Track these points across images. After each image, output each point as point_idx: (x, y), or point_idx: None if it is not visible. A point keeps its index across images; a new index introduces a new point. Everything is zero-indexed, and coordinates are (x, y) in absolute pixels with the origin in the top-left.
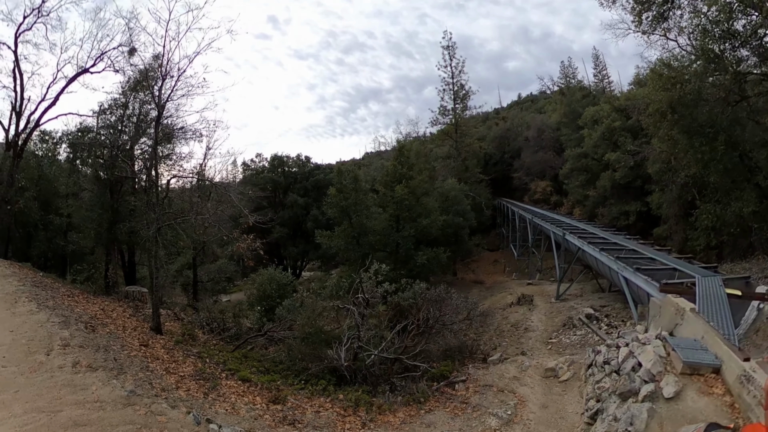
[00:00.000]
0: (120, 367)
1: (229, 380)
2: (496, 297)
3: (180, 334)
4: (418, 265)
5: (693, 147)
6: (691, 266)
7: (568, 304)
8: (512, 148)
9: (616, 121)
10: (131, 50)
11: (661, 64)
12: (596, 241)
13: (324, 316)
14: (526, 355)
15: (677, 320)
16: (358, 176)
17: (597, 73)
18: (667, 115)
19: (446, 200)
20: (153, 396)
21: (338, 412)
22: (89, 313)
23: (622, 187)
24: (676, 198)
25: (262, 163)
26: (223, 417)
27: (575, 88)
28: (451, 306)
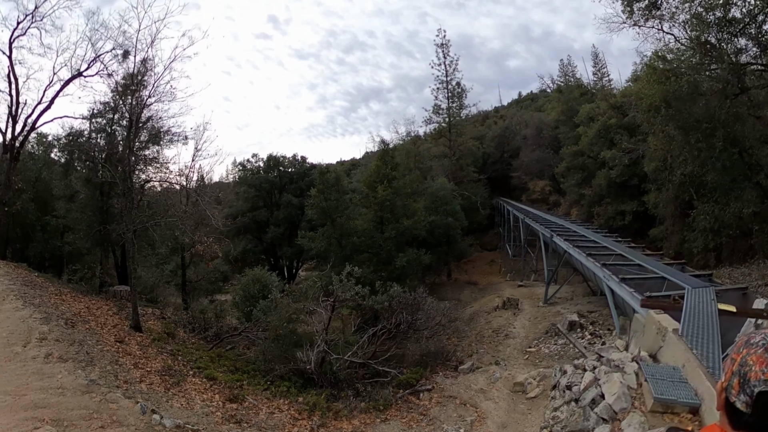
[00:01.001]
0: (90, 359)
1: (195, 377)
2: (485, 299)
3: (160, 333)
4: (398, 268)
5: (689, 143)
6: (682, 275)
7: (555, 309)
8: (511, 147)
9: (612, 119)
10: (125, 53)
11: (656, 56)
12: (584, 245)
13: (299, 319)
14: (499, 365)
15: (659, 341)
16: (340, 177)
17: (596, 72)
18: (661, 110)
19: (435, 200)
20: (114, 387)
21: (293, 415)
22: (73, 311)
23: (618, 186)
24: (672, 198)
25: (258, 163)
26: (175, 411)
27: (573, 86)
28: (424, 311)
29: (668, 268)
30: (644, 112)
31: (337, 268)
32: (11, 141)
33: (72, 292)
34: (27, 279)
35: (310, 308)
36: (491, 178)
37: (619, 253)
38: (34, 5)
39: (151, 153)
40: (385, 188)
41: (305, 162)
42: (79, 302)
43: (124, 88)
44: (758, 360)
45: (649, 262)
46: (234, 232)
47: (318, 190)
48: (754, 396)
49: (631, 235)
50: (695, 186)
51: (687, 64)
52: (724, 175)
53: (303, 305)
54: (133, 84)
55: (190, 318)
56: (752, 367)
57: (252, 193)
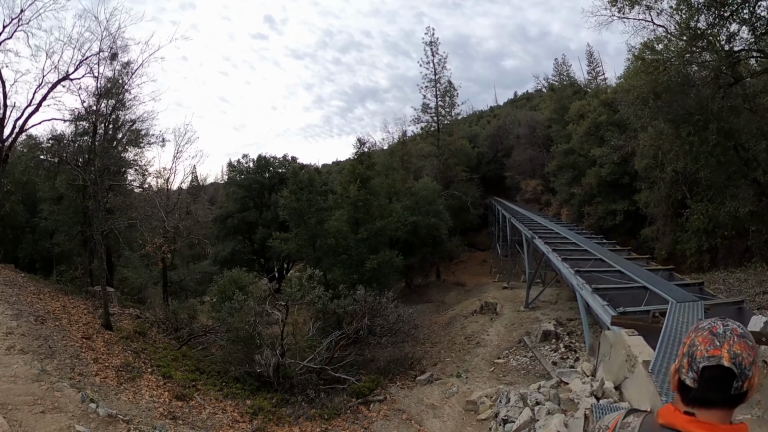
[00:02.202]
0: (51, 353)
1: (152, 375)
2: (466, 302)
3: (130, 331)
4: (368, 270)
5: (680, 137)
6: (667, 284)
7: (535, 315)
8: (505, 146)
9: (602, 115)
10: (113, 55)
11: (644, 47)
12: (564, 247)
13: (264, 321)
14: (460, 378)
15: (626, 371)
16: (313, 177)
17: (591, 70)
18: (649, 102)
19: (419, 200)
20: (66, 378)
21: (234, 417)
22: (47, 309)
23: (608, 185)
24: (664, 196)
25: (248, 163)
26: (119, 403)
27: (566, 85)
28: (383, 317)
29: (652, 275)
30: (632, 105)
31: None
32: (1, 143)
33: (53, 292)
34: (9, 279)
35: (268, 311)
36: (485, 177)
37: (599, 257)
38: (20, 8)
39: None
40: (358, 188)
41: (295, 162)
42: (56, 301)
43: (101, 91)
44: (704, 341)
45: (632, 268)
46: (224, 233)
47: (290, 190)
48: (700, 371)
49: (622, 235)
50: (688, 183)
51: (676, 53)
52: (719, 171)
53: (262, 308)
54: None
55: (164, 318)
56: (698, 346)
57: (241, 194)
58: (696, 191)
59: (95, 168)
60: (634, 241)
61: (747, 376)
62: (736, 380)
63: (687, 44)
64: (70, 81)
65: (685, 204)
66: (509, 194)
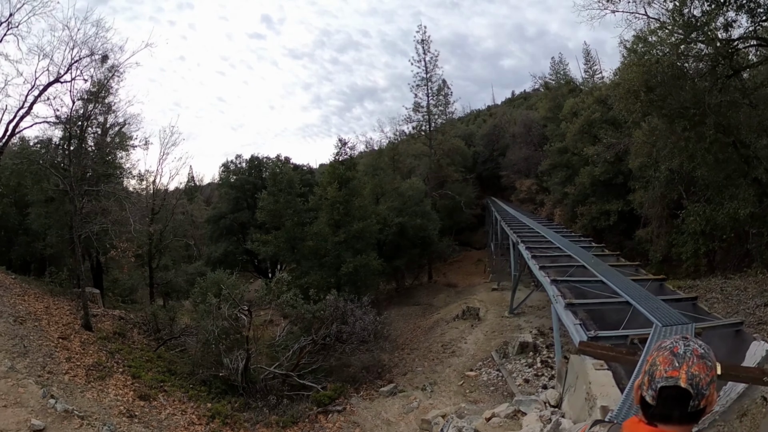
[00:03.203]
0: (25, 352)
1: (122, 375)
2: (452, 306)
3: (109, 332)
4: (344, 274)
5: (675, 133)
6: (653, 301)
7: (518, 321)
8: (500, 145)
9: (596, 113)
10: (104, 57)
11: (636, 39)
12: (549, 253)
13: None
14: (425, 391)
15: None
16: (292, 179)
17: (588, 69)
18: (640, 95)
19: (406, 201)
20: (35, 375)
21: (192, 419)
22: (29, 310)
23: (602, 185)
24: (659, 196)
25: (241, 164)
26: (82, 400)
27: (562, 83)
28: (349, 324)
29: (639, 288)
30: (623, 99)
31: (294, 273)
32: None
33: (40, 294)
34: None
35: (237, 315)
36: (482, 176)
37: (582, 264)
38: (9, 12)
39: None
40: (334, 189)
41: (288, 163)
42: (40, 303)
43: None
44: (663, 360)
45: (617, 278)
46: (217, 234)
47: (268, 192)
48: (658, 390)
49: (617, 237)
50: (684, 183)
51: (670, 45)
52: (717, 169)
53: (233, 312)
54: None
55: (144, 320)
56: (658, 366)
57: (234, 195)
58: (692, 191)
59: (71, 174)
60: (629, 242)
61: (704, 395)
62: (692, 399)
63: (681, 34)
64: (60, 84)
65: (681, 205)
66: (505, 194)
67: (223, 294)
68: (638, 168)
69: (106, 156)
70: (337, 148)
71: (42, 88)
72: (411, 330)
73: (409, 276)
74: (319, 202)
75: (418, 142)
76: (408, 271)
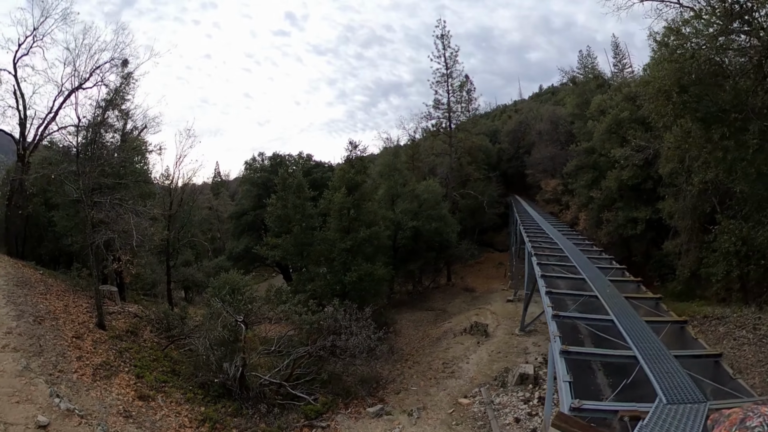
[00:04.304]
0: (40, 351)
1: (126, 374)
2: (462, 316)
3: (122, 331)
4: (347, 284)
5: (711, 140)
6: (665, 359)
7: (527, 342)
8: (526, 142)
9: (625, 111)
10: (124, 62)
11: (668, 31)
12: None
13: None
14: (411, 417)
15: None
16: (301, 183)
17: (617, 63)
18: (672, 96)
19: (422, 204)
20: (46, 374)
21: (184, 422)
22: (49, 309)
23: (630, 190)
24: (690, 208)
25: (264, 161)
26: (86, 399)
27: (590, 78)
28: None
29: (651, 337)
30: (653, 100)
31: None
32: (22, 150)
33: (61, 291)
34: (23, 278)
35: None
36: (506, 174)
37: (595, 294)
38: (33, 26)
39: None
40: (343, 195)
41: (310, 160)
42: (60, 301)
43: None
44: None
45: (629, 319)
46: (239, 230)
47: (277, 196)
48: None
49: (644, 246)
50: (719, 195)
51: (707, 37)
52: (759, 184)
53: (233, 319)
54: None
55: (156, 318)
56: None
57: (255, 192)
58: (728, 204)
59: (81, 186)
60: (657, 252)
61: None
62: None
63: (721, 24)
64: (83, 90)
65: (714, 219)
66: (530, 193)
67: (227, 299)
68: (669, 174)
69: (124, 162)
70: (348, 150)
71: (66, 95)
72: (419, 339)
73: (426, 278)
74: (328, 206)
75: (438, 141)
76: (424, 273)
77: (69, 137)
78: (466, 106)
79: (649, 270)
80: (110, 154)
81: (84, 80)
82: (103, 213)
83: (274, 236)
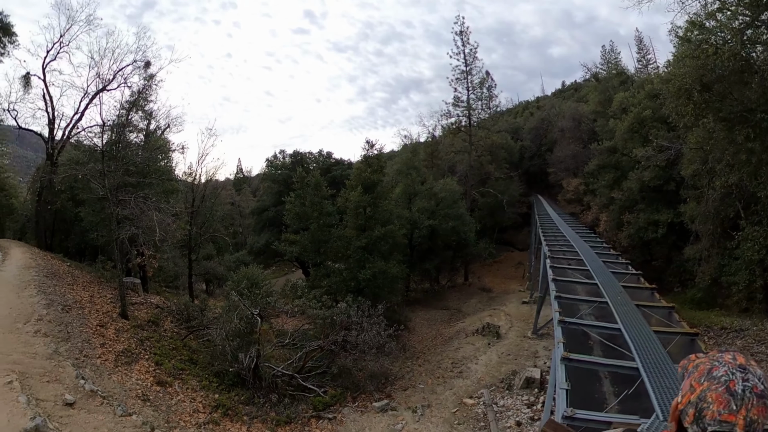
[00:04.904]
0: (68, 337)
1: (146, 361)
2: (475, 317)
3: (144, 321)
4: (361, 281)
5: (735, 142)
6: (670, 375)
7: (537, 346)
8: (548, 140)
9: (647, 110)
10: (146, 63)
11: (691, 25)
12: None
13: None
14: (415, 413)
15: None
16: (319, 182)
17: (641, 58)
18: (693, 95)
19: (438, 203)
20: (73, 358)
21: (198, 407)
22: (75, 299)
23: (652, 191)
24: (712, 213)
25: (285, 159)
26: (108, 382)
27: (612, 74)
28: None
29: (658, 348)
30: (673, 98)
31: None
32: (51, 149)
33: (87, 282)
34: (52, 270)
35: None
36: (529, 172)
37: (605, 301)
38: (60, 33)
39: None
40: (359, 194)
41: (330, 158)
42: (86, 291)
43: (129, 105)
44: (717, 399)
45: (638, 329)
46: (260, 225)
47: (296, 194)
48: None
49: (665, 250)
50: (743, 200)
51: (732, 31)
52: None
53: (249, 311)
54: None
55: (176, 309)
56: (710, 405)
57: (276, 189)
58: (753, 210)
59: (106, 185)
60: (678, 256)
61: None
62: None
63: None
64: (107, 92)
65: (737, 225)
66: (552, 192)
67: (244, 293)
68: (691, 176)
69: (147, 161)
70: (365, 149)
71: (91, 97)
72: (432, 338)
73: (443, 277)
74: (345, 204)
75: (457, 138)
76: (441, 272)
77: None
78: (486, 103)
79: (669, 275)
80: (134, 153)
81: (108, 82)
82: (127, 210)
83: (292, 233)
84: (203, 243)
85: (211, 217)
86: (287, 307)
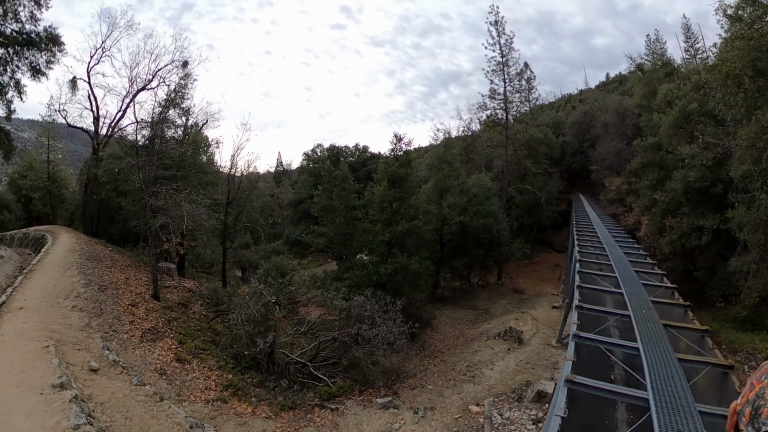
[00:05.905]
0: (100, 313)
1: (170, 339)
2: (500, 320)
3: (174, 303)
4: (382, 275)
5: None
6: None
7: (559, 357)
8: (591, 135)
9: (693, 103)
10: (184, 63)
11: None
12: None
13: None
14: (416, 415)
15: None
16: (347, 176)
17: (688, 47)
18: (744, 82)
19: (470, 199)
20: (102, 331)
21: (210, 385)
22: (112, 280)
23: (697, 193)
24: (764, 220)
25: (322, 152)
26: (131, 355)
27: (658, 66)
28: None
29: (677, 379)
30: (720, 87)
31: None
32: (96, 145)
33: (125, 266)
34: (94, 254)
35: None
36: (570, 170)
37: (629, 314)
38: (102, 39)
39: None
40: (385, 188)
41: (366, 152)
42: (123, 274)
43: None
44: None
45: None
46: (297, 217)
47: (323, 188)
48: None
49: (710, 259)
50: None
51: None
52: None
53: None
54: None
55: (206, 293)
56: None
57: (312, 182)
58: None
59: (140, 179)
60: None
61: None
62: None
63: None
64: (146, 91)
65: None
66: (594, 191)
67: (268, 281)
68: (741, 178)
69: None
70: (392, 143)
71: (132, 96)
72: (454, 338)
73: (474, 275)
74: (371, 198)
75: (494, 132)
76: (472, 270)
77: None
78: (525, 95)
79: (711, 288)
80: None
81: (147, 82)
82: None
83: (322, 225)
84: (239, 232)
85: (248, 207)
86: (307, 296)
